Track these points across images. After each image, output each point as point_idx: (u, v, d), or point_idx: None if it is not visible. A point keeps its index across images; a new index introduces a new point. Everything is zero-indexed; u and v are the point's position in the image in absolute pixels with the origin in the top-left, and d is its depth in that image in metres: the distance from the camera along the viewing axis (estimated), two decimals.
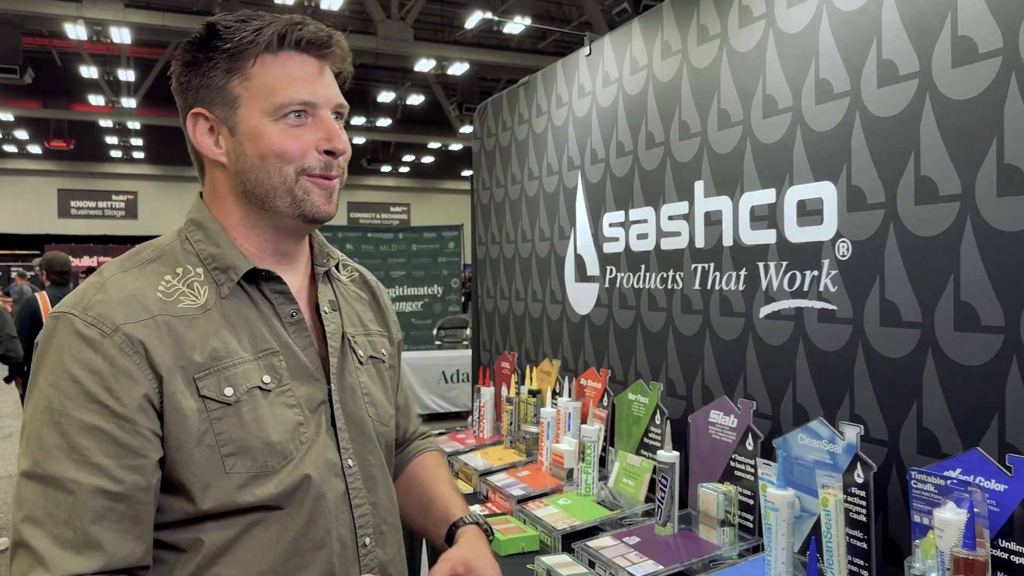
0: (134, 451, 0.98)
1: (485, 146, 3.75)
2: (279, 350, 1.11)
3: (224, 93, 1.08)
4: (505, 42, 20.33)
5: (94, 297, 1.02)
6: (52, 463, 0.95)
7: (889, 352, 1.74)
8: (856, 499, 1.68)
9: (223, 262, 1.10)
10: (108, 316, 1.00)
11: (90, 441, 0.96)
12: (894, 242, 1.72)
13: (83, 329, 0.99)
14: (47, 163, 29.34)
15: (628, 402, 2.50)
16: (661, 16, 2.47)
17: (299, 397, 1.11)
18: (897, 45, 1.70)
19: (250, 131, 1.08)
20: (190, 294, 1.07)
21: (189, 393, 1.02)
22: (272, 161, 1.08)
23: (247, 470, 1.03)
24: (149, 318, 1.02)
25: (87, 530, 0.94)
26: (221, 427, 1.03)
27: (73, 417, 0.96)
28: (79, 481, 0.95)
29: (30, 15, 14.63)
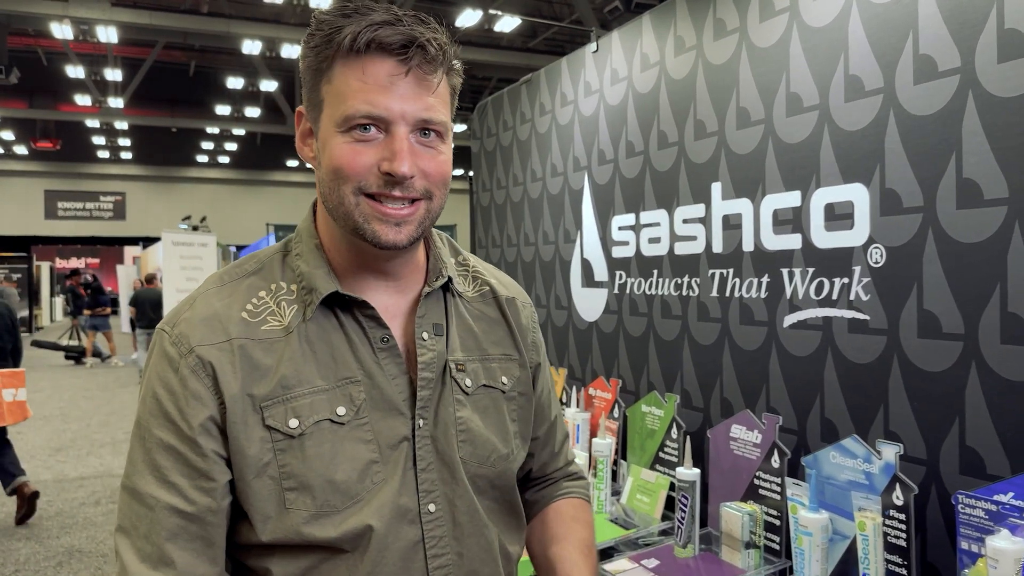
0: (204, 474, 0.95)
1: (485, 146, 3.63)
2: (360, 379, 1.01)
3: (315, 94, 0.99)
4: (496, 41, 20.21)
5: (183, 314, 1.00)
6: (137, 477, 0.96)
7: (928, 365, 1.63)
8: (895, 522, 1.58)
9: (309, 283, 1.02)
10: (187, 336, 0.98)
11: (167, 459, 0.95)
12: (933, 248, 1.61)
13: (168, 347, 0.98)
14: (33, 164, 29.04)
15: (641, 414, 2.39)
16: (674, 10, 2.36)
17: (377, 432, 1.01)
18: (936, 39, 1.60)
19: (323, 140, 0.99)
20: (277, 313, 1.01)
21: (253, 422, 0.96)
22: (332, 177, 0.97)
23: (307, 508, 0.96)
24: (225, 341, 0.98)
25: (162, 547, 0.93)
26: (284, 460, 0.96)
27: (153, 434, 0.96)
28: (157, 498, 0.94)
29: (15, 14, 14.43)
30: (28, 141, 26.32)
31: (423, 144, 0.98)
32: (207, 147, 30.89)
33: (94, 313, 14.74)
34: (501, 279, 1.25)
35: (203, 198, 31.37)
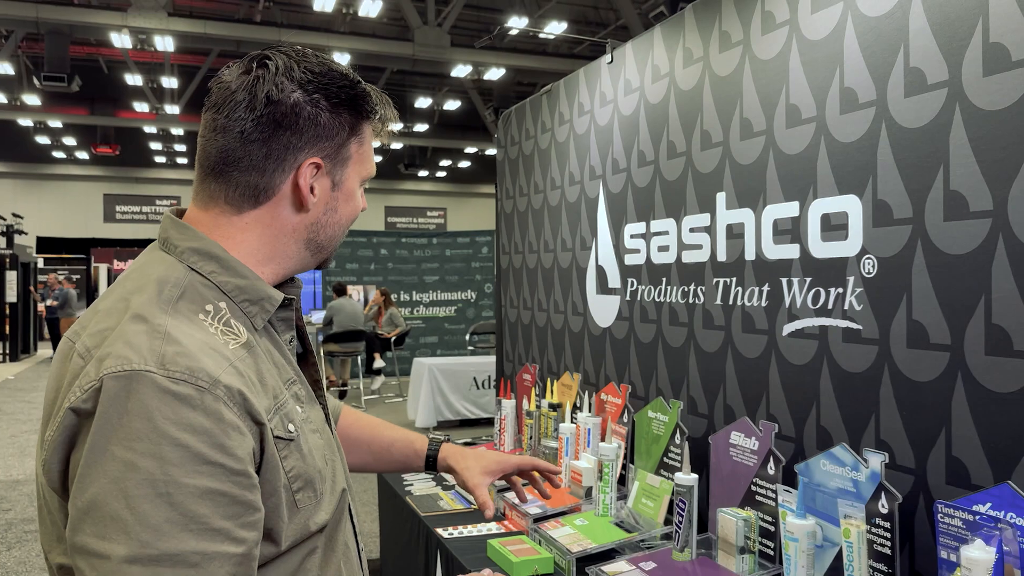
0: (251, 506, 0.92)
1: (509, 155, 3.70)
2: (295, 378, 1.09)
3: (343, 149, 1.08)
4: (541, 46, 20.30)
5: (166, 349, 0.91)
6: (167, 540, 0.84)
7: (916, 375, 1.64)
8: (880, 530, 1.59)
9: (254, 294, 1.04)
10: (200, 368, 0.91)
11: (207, 507, 0.87)
12: (922, 260, 1.63)
13: (171, 387, 0.88)
14: (94, 168, 29.98)
15: (648, 419, 2.42)
16: (683, 22, 2.40)
17: (315, 422, 1.10)
18: (925, 52, 1.61)
19: (348, 192, 1.11)
20: (230, 332, 1.00)
21: (270, 436, 0.97)
22: (347, 220, 1.13)
23: (311, 500, 1.02)
24: (230, 365, 0.95)
25: None
26: (289, 464, 0.99)
27: (184, 485, 0.86)
28: (203, 551, 0.86)
29: (78, 24, 14.95)
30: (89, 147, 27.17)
31: None
32: None
33: None
34: None
35: None
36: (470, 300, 11.79)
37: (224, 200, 1.05)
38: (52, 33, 14.72)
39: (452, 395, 8.58)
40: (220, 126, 1.02)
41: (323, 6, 15.19)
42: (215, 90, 1.04)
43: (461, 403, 8.62)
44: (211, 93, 1.05)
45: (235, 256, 1.05)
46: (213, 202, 1.05)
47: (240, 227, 1.06)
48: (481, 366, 8.68)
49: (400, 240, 11.79)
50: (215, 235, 1.05)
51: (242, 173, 1.03)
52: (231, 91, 1.02)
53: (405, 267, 11.54)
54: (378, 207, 33.27)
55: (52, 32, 14.71)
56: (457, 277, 11.72)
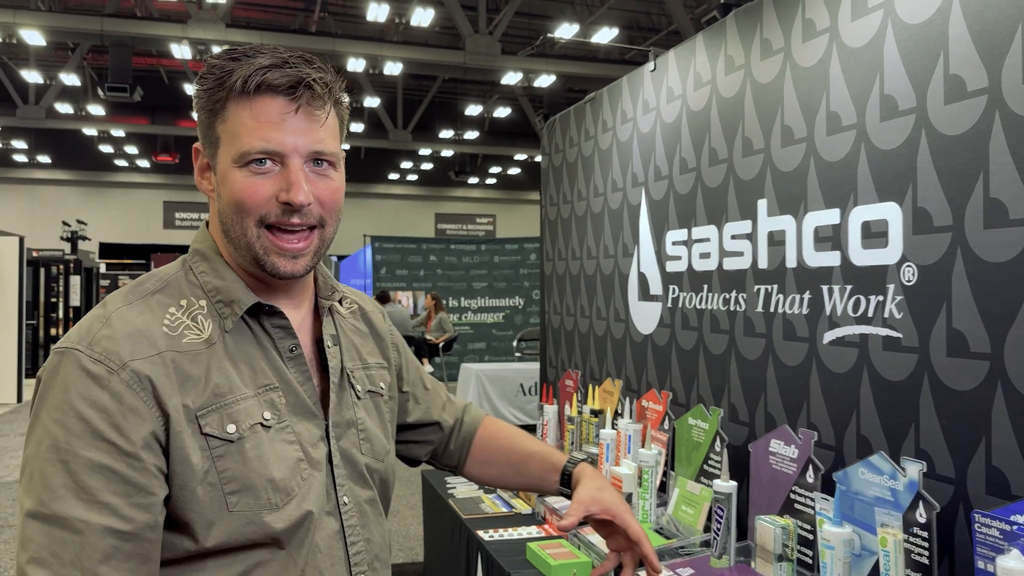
0: (143, 489, 0.96)
1: (553, 162, 3.73)
2: (278, 386, 1.09)
3: (210, 132, 1.07)
4: (592, 53, 20.29)
5: (99, 332, 0.99)
6: (59, 503, 0.92)
7: (956, 384, 1.63)
8: (918, 539, 1.58)
9: (227, 296, 1.08)
10: (115, 352, 0.98)
11: (98, 480, 0.94)
12: (961, 267, 1.61)
13: (89, 365, 0.96)
14: (154, 176, 30.83)
15: (688, 427, 2.43)
16: (724, 31, 2.41)
17: (298, 433, 1.08)
18: (965, 59, 1.60)
19: (222, 175, 1.06)
20: (194, 327, 1.04)
21: (191, 431, 0.99)
22: (234, 210, 1.05)
23: (250, 508, 1.01)
24: (156, 354, 1.00)
25: (95, 571, 0.92)
26: (224, 464, 1.00)
27: (80, 456, 0.94)
28: (87, 520, 0.92)
29: (140, 36, 15.42)
30: (150, 155, 27.96)
31: (316, 173, 1.07)
32: None
33: None
34: (361, 296, 1.37)
35: None
36: (518, 307, 11.84)
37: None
38: (116, 45, 15.21)
39: (499, 401, 8.63)
40: None
41: (376, 16, 15.43)
42: None
43: (508, 409, 8.67)
44: None
45: (227, 259, 1.11)
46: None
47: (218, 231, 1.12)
48: (528, 372, 8.72)
49: (449, 247, 11.90)
50: (217, 239, 1.12)
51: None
52: None
53: (454, 273, 11.64)
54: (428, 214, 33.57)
55: (116, 44, 15.20)
56: (505, 284, 11.78)
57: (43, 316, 14.37)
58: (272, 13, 20.23)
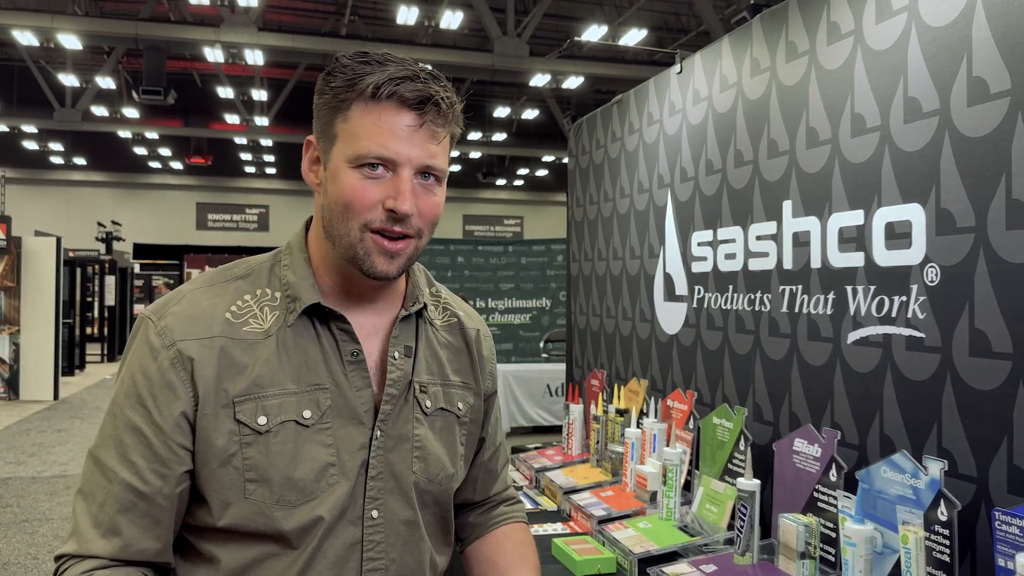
0: (162, 460, 1.05)
1: (580, 164, 3.77)
2: (328, 387, 1.10)
3: (329, 128, 1.09)
4: (620, 54, 20.28)
5: (171, 307, 1.10)
6: (103, 449, 1.07)
7: (978, 384, 1.64)
8: (939, 538, 1.60)
9: (294, 292, 1.12)
10: (172, 329, 1.07)
11: (132, 439, 1.05)
12: (984, 268, 1.63)
13: (152, 336, 1.07)
14: (187, 178, 31.27)
15: (713, 426, 2.45)
16: (750, 33, 2.43)
17: (338, 437, 1.10)
18: (988, 62, 1.62)
19: (333, 171, 1.08)
20: (259, 317, 1.10)
21: (224, 415, 1.05)
22: (341, 208, 1.07)
23: (264, 499, 1.05)
24: (207, 338, 1.07)
25: (113, 517, 1.04)
26: (248, 453, 1.05)
27: (124, 413, 1.06)
28: (116, 472, 1.04)
29: (174, 40, 15.68)
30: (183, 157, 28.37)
31: (423, 186, 1.09)
32: None
33: None
34: (468, 312, 1.36)
35: None
36: (545, 308, 11.86)
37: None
38: (150, 49, 15.48)
39: (526, 402, 8.67)
40: None
41: (406, 19, 15.57)
42: None
43: (535, 410, 8.70)
44: None
45: (312, 256, 1.15)
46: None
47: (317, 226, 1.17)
48: (555, 373, 8.75)
49: (477, 248, 11.95)
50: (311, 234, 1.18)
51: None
52: None
53: (481, 275, 11.69)
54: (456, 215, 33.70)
55: (150, 48, 15.47)
56: (532, 285, 11.81)
57: (79, 315, 14.65)
58: (304, 17, 20.46)
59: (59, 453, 8.05)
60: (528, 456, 3.21)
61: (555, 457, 3.17)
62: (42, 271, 11.29)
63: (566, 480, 2.85)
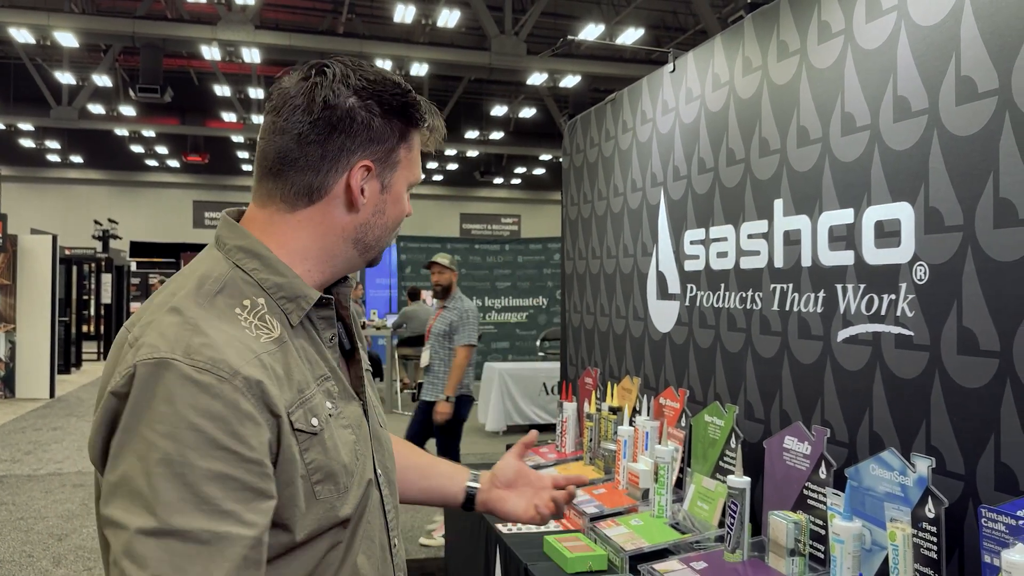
0: (262, 493, 0.96)
1: (574, 162, 3.77)
2: (330, 375, 1.12)
3: (393, 154, 1.12)
4: (617, 53, 20.27)
5: (194, 340, 0.97)
6: (179, 516, 0.90)
7: (966, 382, 1.65)
8: (927, 534, 1.61)
9: (291, 292, 1.09)
10: (222, 360, 0.96)
11: (218, 489, 0.92)
12: (972, 267, 1.63)
13: (194, 375, 0.94)
14: (184, 176, 31.23)
15: (705, 424, 2.46)
16: (742, 32, 2.44)
17: (349, 417, 1.13)
18: (976, 61, 1.63)
19: (396, 194, 1.14)
20: (264, 327, 1.05)
21: (288, 429, 1.01)
22: (394, 224, 1.16)
23: (332, 493, 1.05)
24: (255, 357, 1.00)
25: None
26: (310, 456, 1.03)
27: (198, 466, 0.92)
28: (213, 530, 0.91)
29: (171, 38, 15.65)
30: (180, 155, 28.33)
31: None
32: None
33: None
34: None
35: None
36: (541, 306, 11.88)
37: (280, 198, 1.10)
38: (147, 47, 15.45)
39: (522, 400, 8.68)
40: (279, 128, 1.08)
41: (403, 17, 15.55)
42: (275, 94, 1.10)
43: (531, 408, 8.71)
44: (271, 97, 1.11)
45: (282, 254, 1.11)
46: (270, 200, 1.11)
47: (293, 225, 1.11)
48: (551, 372, 8.75)
49: (473, 246, 11.96)
50: (267, 232, 1.11)
51: (298, 173, 1.08)
52: (290, 95, 1.08)
53: (478, 273, 11.70)
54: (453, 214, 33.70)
55: (147, 46, 15.45)
56: (529, 283, 11.83)
57: (75, 313, 14.65)
58: (301, 15, 20.44)
59: (55, 451, 8.05)
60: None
61: (549, 455, 3.18)
62: (38, 269, 11.28)
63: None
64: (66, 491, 6.56)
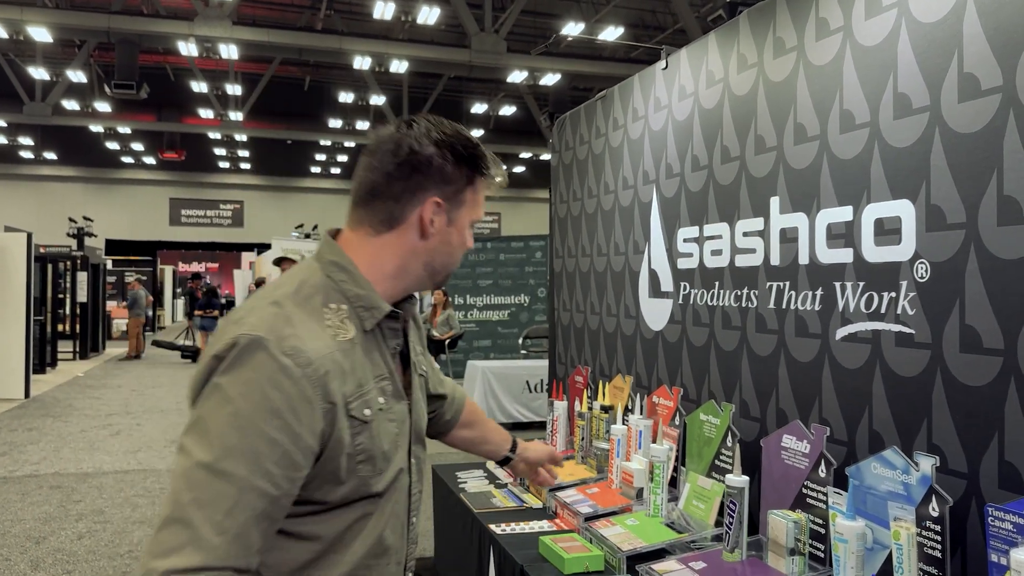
0: (298, 466, 1.17)
1: (563, 159, 3.75)
2: (387, 376, 1.34)
3: (460, 195, 1.37)
4: (597, 51, 20.29)
5: (286, 330, 1.20)
6: (229, 460, 1.11)
7: (969, 380, 1.65)
8: (931, 533, 1.60)
9: (368, 303, 1.32)
10: (302, 350, 1.18)
11: (267, 449, 1.14)
12: (975, 264, 1.63)
13: (280, 357, 1.16)
14: (160, 173, 30.90)
15: (700, 422, 2.45)
16: (737, 29, 2.42)
17: (395, 413, 1.34)
18: (980, 58, 1.62)
19: (460, 228, 1.39)
20: (343, 328, 1.28)
21: (343, 414, 1.23)
22: (458, 248, 1.41)
23: (369, 472, 1.27)
24: (328, 353, 1.22)
25: (241, 523, 1.11)
26: (359, 440, 1.25)
27: (258, 426, 1.13)
28: (250, 481, 1.12)
29: (147, 34, 15.47)
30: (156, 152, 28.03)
31: None
32: (320, 159, 32.15)
33: (204, 315, 15.66)
34: None
35: (315, 207, 32.65)
36: (523, 304, 11.86)
37: (368, 224, 1.35)
38: (122, 42, 15.26)
39: (504, 398, 8.65)
40: (372, 166, 1.32)
41: (382, 14, 15.46)
42: (372, 139, 1.35)
43: (513, 406, 8.69)
44: (369, 142, 1.36)
45: (365, 270, 1.34)
46: (360, 225, 1.35)
47: (377, 246, 1.35)
48: (534, 370, 8.74)
49: None
50: (355, 251, 1.35)
51: (383, 203, 1.33)
52: (384, 141, 1.33)
53: (459, 271, 11.66)
54: None
55: (122, 41, 15.26)
56: (511, 281, 11.80)
57: (50, 312, 14.43)
58: (279, 11, 20.28)
59: (31, 452, 7.92)
60: None
61: None
62: (12, 267, 11.08)
63: None
64: (43, 493, 6.45)
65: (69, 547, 5.13)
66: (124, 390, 12.42)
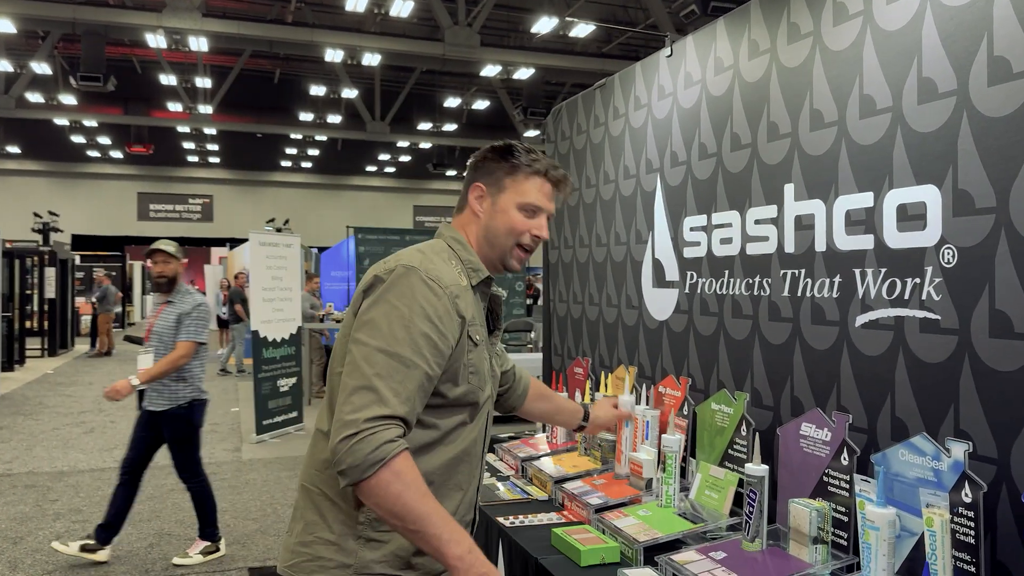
0: (442, 355, 1.65)
1: (559, 149, 3.71)
2: (481, 324, 1.80)
3: (499, 181, 1.83)
4: (570, 46, 20.27)
5: (430, 266, 1.69)
6: (400, 346, 1.59)
7: (999, 365, 1.64)
8: (964, 519, 1.59)
9: (474, 266, 1.82)
10: (441, 279, 1.68)
11: (424, 342, 1.61)
12: (1006, 249, 1.62)
13: (427, 280, 1.66)
14: (128, 168, 30.38)
15: (711, 412, 2.43)
16: (748, 15, 2.40)
17: (487, 352, 1.80)
18: (1011, 40, 1.61)
19: (502, 208, 1.82)
20: (463, 276, 1.76)
21: (465, 332, 1.71)
22: (506, 231, 1.82)
23: (475, 384, 1.75)
24: (455, 285, 1.71)
25: (409, 392, 1.59)
26: (470, 356, 1.73)
27: (417, 325, 1.61)
28: (416, 362, 1.60)
29: (113, 25, 15.16)
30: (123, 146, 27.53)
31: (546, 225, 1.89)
32: (291, 152, 31.81)
33: None
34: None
35: (286, 201, 32.32)
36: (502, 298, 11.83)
37: (460, 208, 1.89)
38: (88, 33, 14.94)
39: None
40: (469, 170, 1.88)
41: (355, 6, 15.29)
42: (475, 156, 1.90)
43: None
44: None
45: (468, 241, 1.84)
46: (459, 209, 1.89)
47: (464, 222, 1.87)
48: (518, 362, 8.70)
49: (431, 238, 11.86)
50: (461, 227, 1.86)
51: (464, 192, 1.88)
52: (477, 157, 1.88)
53: None
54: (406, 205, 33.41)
55: (88, 32, 14.93)
56: None
57: (18, 308, 14.12)
58: (249, 3, 19.98)
59: (2, 451, 7.73)
60: (511, 445, 3.16)
61: (540, 446, 3.12)
62: None
63: (555, 469, 2.81)
64: (17, 492, 6.30)
65: (48, 547, 5.01)
66: (96, 387, 12.19)
